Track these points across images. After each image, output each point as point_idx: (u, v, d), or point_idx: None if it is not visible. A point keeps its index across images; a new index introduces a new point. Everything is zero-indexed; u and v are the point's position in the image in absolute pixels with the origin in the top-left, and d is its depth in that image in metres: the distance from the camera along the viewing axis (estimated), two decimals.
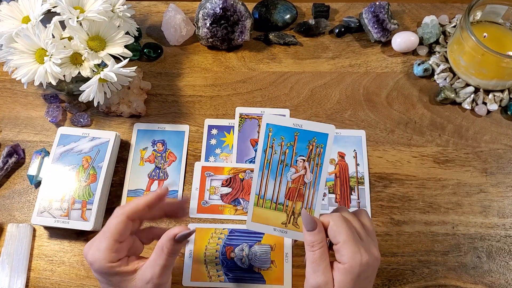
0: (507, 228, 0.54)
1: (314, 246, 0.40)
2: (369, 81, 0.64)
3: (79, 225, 0.52)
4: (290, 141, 0.42)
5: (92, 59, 0.52)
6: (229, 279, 0.52)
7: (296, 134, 0.42)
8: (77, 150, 0.56)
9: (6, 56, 0.53)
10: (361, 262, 0.38)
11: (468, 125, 0.61)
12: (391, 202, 0.56)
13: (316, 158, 0.42)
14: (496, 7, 0.62)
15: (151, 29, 0.69)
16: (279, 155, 0.43)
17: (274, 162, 0.43)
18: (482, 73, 0.60)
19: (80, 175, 0.54)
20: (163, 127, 0.61)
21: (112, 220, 0.42)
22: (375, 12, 0.65)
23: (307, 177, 0.43)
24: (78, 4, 0.53)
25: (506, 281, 0.52)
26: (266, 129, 0.42)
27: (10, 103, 0.63)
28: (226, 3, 0.62)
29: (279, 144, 0.43)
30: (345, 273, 0.39)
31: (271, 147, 0.43)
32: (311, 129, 0.42)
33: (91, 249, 0.41)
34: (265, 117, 0.43)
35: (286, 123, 0.42)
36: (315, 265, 0.40)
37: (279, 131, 0.42)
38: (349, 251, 0.39)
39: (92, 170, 0.55)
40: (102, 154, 0.56)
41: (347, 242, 0.39)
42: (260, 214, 0.44)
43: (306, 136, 0.42)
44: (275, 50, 0.67)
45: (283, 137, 0.42)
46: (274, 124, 0.42)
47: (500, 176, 0.57)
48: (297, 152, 0.42)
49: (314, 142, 0.42)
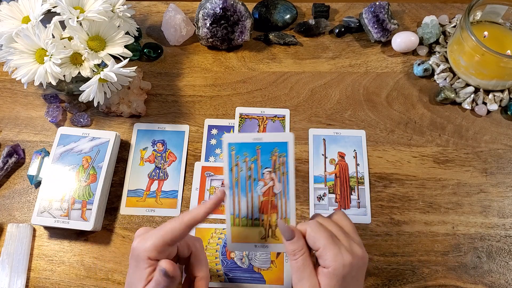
0: (507, 228, 0.54)
1: (296, 254, 0.40)
2: (369, 81, 0.64)
3: (79, 225, 0.52)
4: (253, 156, 0.43)
5: (92, 59, 0.52)
6: (229, 279, 0.52)
7: (257, 148, 0.43)
8: (77, 150, 0.56)
9: (6, 56, 0.53)
10: (343, 263, 0.38)
11: (468, 125, 0.61)
12: (391, 202, 0.56)
13: (281, 168, 0.43)
14: (496, 7, 0.62)
15: (151, 29, 0.69)
16: (246, 171, 0.43)
17: (242, 179, 0.43)
18: (482, 73, 0.60)
19: (80, 175, 0.54)
20: (163, 127, 0.61)
21: (172, 222, 0.41)
22: (375, 12, 0.65)
23: (276, 187, 0.43)
24: (78, 4, 0.53)
25: (506, 281, 0.52)
26: (228, 148, 0.43)
27: (10, 103, 0.63)
28: (226, 3, 0.62)
29: (244, 160, 0.43)
30: (330, 277, 0.39)
31: (236, 165, 0.43)
32: (270, 140, 0.42)
33: (141, 236, 0.41)
34: (225, 137, 0.43)
35: (246, 139, 0.43)
36: (299, 273, 0.40)
37: (241, 148, 0.43)
38: (330, 254, 0.39)
39: (92, 170, 0.55)
40: (102, 154, 0.56)
41: (327, 246, 0.39)
42: (239, 233, 0.44)
43: (267, 148, 0.43)
44: (275, 50, 0.67)
45: (246, 153, 0.43)
46: (235, 143, 0.43)
47: (500, 176, 0.57)
48: (262, 165, 0.43)
49: (276, 153, 0.42)
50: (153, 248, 0.39)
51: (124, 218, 0.56)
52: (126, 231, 0.55)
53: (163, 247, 0.40)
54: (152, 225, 0.55)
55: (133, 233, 0.55)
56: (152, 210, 0.56)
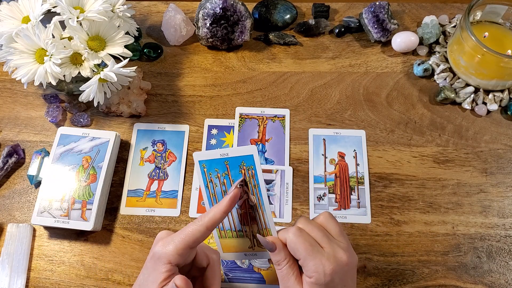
0: (507, 228, 0.54)
1: (280, 264, 0.41)
2: (369, 81, 0.64)
3: (79, 225, 0.52)
4: (224, 171, 0.43)
5: (92, 59, 0.52)
6: (229, 279, 0.52)
7: (226, 163, 0.43)
8: (77, 150, 0.56)
9: (6, 56, 0.53)
10: (324, 273, 0.38)
11: (468, 125, 0.61)
12: (391, 202, 0.56)
13: (251, 179, 0.43)
14: (496, 7, 0.62)
15: (151, 29, 0.69)
16: (220, 186, 0.44)
17: (218, 194, 0.44)
18: (482, 73, 0.60)
19: (80, 175, 0.54)
20: (163, 127, 0.61)
21: (192, 225, 0.40)
22: (375, 12, 0.65)
23: (251, 200, 0.44)
24: (78, 4, 0.53)
25: (506, 281, 0.52)
26: (200, 166, 0.43)
27: (10, 103, 0.63)
28: (226, 3, 0.62)
29: (216, 176, 0.44)
30: (312, 286, 0.39)
31: (211, 181, 0.44)
32: (236, 154, 0.43)
33: (163, 240, 0.40)
34: (195, 155, 0.43)
35: (214, 156, 0.43)
36: (284, 282, 0.41)
37: (211, 165, 0.43)
38: (311, 265, 0.39)
39: (92, 170, 0.55)
40: (102, 154, 0.56)
41: (307, 257, 0.39)
42: (228, 244, 0.46)
43: (235, 162, 0.43)
44: (275, 50, 0.67)
45: (217, 169, 0.43)
46: (204, 160, 0.43)
47: (500, 176, 0.57)
48: (233, 179, 0.43)
49: (244, 166, 0.43)
50: (175, 252, 0.39)
51: (124, 218, 0.56)
52: (126, 231, 0.55)
53: (184, 250, 0.39)
54: (152, 225, 0.55)
55: (133, 233, 0.55)
56: (152, 210, 0.56)
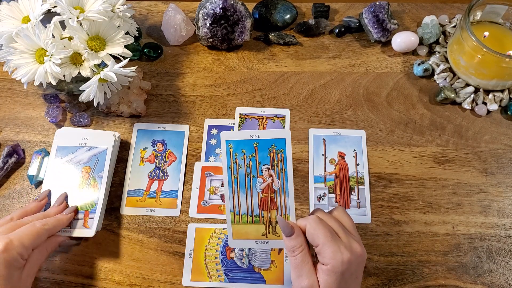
0: (507, 228, 0.54)
1: (295, 250, 0.41)
2: (369, 81, 0.64)
3: (82, 233, 0.52)
4: (251, 153, 0.43)
5: (92, 59, 0.52)
6: (229, 279, 0.52)
7: (255, 144, 0.43)
8: (76, 161, 0.55)
9: (6, 56, 0.53)
10: (342, 260, 0.39)
11: (468, 125, 0.61)
12: (391, 202, 0.56)
13: (279, 164, 0.43)
14: (496, 7, 0.62)
15: (151, 29, 0.69)
16: (244, 169, 0.43)
17: (240, 176, 0.44)
18: (482, 73, 0.60)
19: (81, 186, 0.54)
20: (163, 127, 0.61)
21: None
22: (375, 12, 0.65)
23: (275, 184, 0.43)
24: (78, 4, 0.53)
25: (506, 281, 0.52)
26: (226, 146, 0.43)
27: (10, 103, 0.63)
28: (226, 3, 0.62)
29: (242, 157, 0.43)
30: (328, 274, 0.39)
31: (235, 162, 0.43)
32: (268, 137, 0.43)
33: None
34: (223, 135, 0.43)
35: (244, 137, 0.43)
36: (298, 270, 0.40)
37: (239, 146, 0.43)
38: (329, 252, 0.39)
39: (92, 180, 0.54)
40: (101, 164, 0.55)
41: (326, 243, 0.39)
42: (240, 230, 0.45)
43: (265, 145, 0.43)
44: (275, 50, 0.67)
45: (244, 150, 0.43)
46: (232, 140, 0.43)
47: (500, 176, 0.58)
48: (260, 162, 0.43)
49: (274, 149, 0.43)
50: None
51: (124, 218, 0.56)
52: (126, 231, 0.55)
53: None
54: (152, 225, 0.55)
55: (133, 233, 0.55)
56: (152, 210, 0.56)
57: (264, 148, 0.43)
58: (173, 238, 0.54)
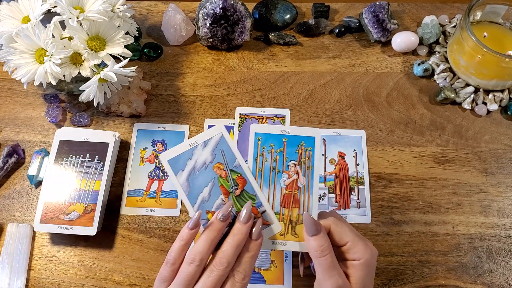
0: (507, 228, 0.54)
1: (324, 250, 0.39)
2: (369, 81, 0.64)
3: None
4: (279, 148, 0.43)
5: (92, 59, 0.52)
6: None
7: (284, 140, 0.43)
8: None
9: (6, 56, 0.53)
10: (372, 253, 0.40)
11: (468, 125, 0.61)
12: (391, 202, 0.56)
13: (306, 161, 0.43)
14: (496, 7, 0.62)
15: (151, 29, 0.69)
16: (270, 162, 0.43)
17: (266, 169, 0.43)
18: (482, 73, 0.60)
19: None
20: (163, 127, 0.61)
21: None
22: (375, 12, 0.65)
23: (300, 181, 0.43)
24: (78, 4, 0.53)
25: (506, 281, 0.52)
26: (255, 138, 0.43)
27: (10, 103, 0.63)
28: (226, 3, 0.62)
29: (269, 151, 0.43)
30: (361, 268, 0.40)
31: (262, 155, 0.43)
32: (298, 133, 0.43)
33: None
34: (253, 127, 0.43)
35: (274, 131, 0.43)
36: (330, 270, 0.39)
37: (267, 139, 0.43)
38: (360, 247, 0.40)
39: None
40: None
41: (355, 239, 0.40)
42: None
43: (294, 141, 0.43)
44: (275, 50, 0.67)
45: (272, 144, 0.43)
46: (261, 133, 0.43)
47: (500, 176, 0.57)
48: (287, 157, 0.43)
49: (302, 146, 0.43)
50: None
51: (124, 218, 0.56)
52: (126, 231, 0.55)
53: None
54: (152, 225, 0.55)
55: (133, 233, 0.55)
56: (152, 210, 0.56)
57: (293, 144, 0.43)
58: (173, 238, 0.54)
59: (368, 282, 0.41)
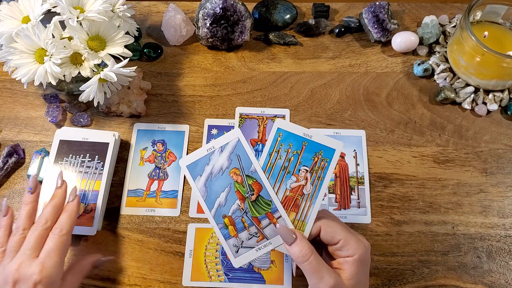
0: (507, 228, 0.54)
1: (306, 254, 0.40)
2: (369, 81, 0.64)
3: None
4: (297, 149, 0.43)
5: (92, 59, 0.52)
6: (229, 279, 0.52)
7: (304, 143, 0.42)
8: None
9: (6, 56, 0.53)
10: (365, 248, 0.41)
11: (468, 125, 0.61)
12: (391, 202, 0.56)
13: (319, 171, 0.42)
14: (496, 7, 0.62)
15: (151, 29, 0.69)
16: (283, 161, 0.43)
17: (277, 167, 0.43)
18: (482, 73, 0.60)
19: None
20: (163, 127, 0.61)
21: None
22: (375, 12, 0.65)
23: (307, 188, 0.43)
24: (78, 4, 0.53)
25: (506, 281, 0.52)
26: (276, 133, 0.43)
27: (10, 103, 0.63)
28: (226, 3, 0.62)
29: (286, 150, 0.43)
30: (355, 263, 0.40)
31: (277, 151, 0.43)
32: (319, 141, 0.42)
33: None
34: (277, 122, 0.43)
35: (297, 131, 0.43)
36: (318, 272, 0.40)
37: (288, 138, 0.43)
38: (353, 243, 0.40)
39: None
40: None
41: (347, 236, 0.40)
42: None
43: (313, 148, 0.42)
44: (275, 50, 0.67)
45: (291, 144, 0.43)
46: (284, 130, 0.43)
47: (500, 176, 0.57)
48: (301, 161, 0.43)
49: (320, 155, 0.42)
50: None
51: (124, 218, 0.56)
52: (126, 231, 0.55)
53: None
54: (152, 225, 0.55)
55: (133, 233, 0.55)
56: (152, 210, 0.56)
57: (311, 150, 0.42)
58: (173, 238, 0.54)
59: (363, 277, 0.41)
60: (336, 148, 0.42)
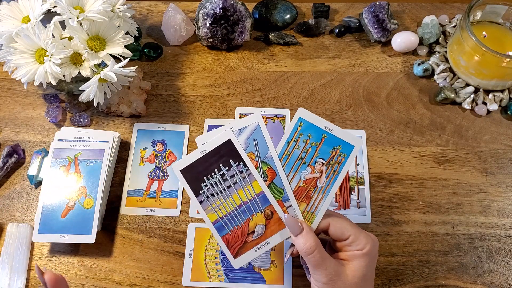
0: (507, 228, 0.54)
1: (311, 247, 0.40)
2: (369, 81, 0.64)
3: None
4: (316, 141, 0.42)
5: (92, 59, 0.52)
6: (229, 279, 0.52)
7: (324, 136, 0.42)
8: None
9: (6, 56, 0.53)
10: (374, 242, 0.41)
11: (468, 125, 0.61)
12: (391, 202, 0.56)
13: (335, 166, 0.42)
14: (496, 7, 0.62)
15: (151, 29, 0.69)
16: (300, 151, 0.43)
17: (293, 156, 0.43)
18: (482, 73, 0.60)
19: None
20: (163, 127, 0.61)
21: None
22: (375, 12, 0.65)
23: (321, 181, 0.43)
24: (78, 4, 0.53)
25: (506, 281, 0.52)
26: (296, 122, 0.42)
27: (10, 103, 0.63)
28: (226, 3, 0.62)
29: (304, 140, 0.43)
30: (365, 257, 0.41)
31: (296, 141, 0.43)
32: (339, 136, 0.42)
33: None
34: (300, 111, 0.43)
35: (318, 123, 0.43)
36: (323, 266, 0.40)
37: (308, 128, 0.43)
38: (362, 238, 0.41)
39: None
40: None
41: (357, 231, 0.41)
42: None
43: (332, 141, 0.42)
44: (275, 50, 0.67)
45: (311, 135, 0.42)
46: (305, 120, 0.42)
47: (500, 176, 0.57)
48: (319, 153, 0.42)
49: (338, 150, 0.42)
50: None
51: (124, 218, 0.56)
52: (126, 231, 0.55)
53: None
54: (152, 225, 0.55)
55: (133, 233, 0.55)
56: (152, 210, 0.56)
57: (330, 143, 0.42)
58: (173, 238, 0.54)
59: (369, 271, 0.41)
60: (356, 145, 0.42)
